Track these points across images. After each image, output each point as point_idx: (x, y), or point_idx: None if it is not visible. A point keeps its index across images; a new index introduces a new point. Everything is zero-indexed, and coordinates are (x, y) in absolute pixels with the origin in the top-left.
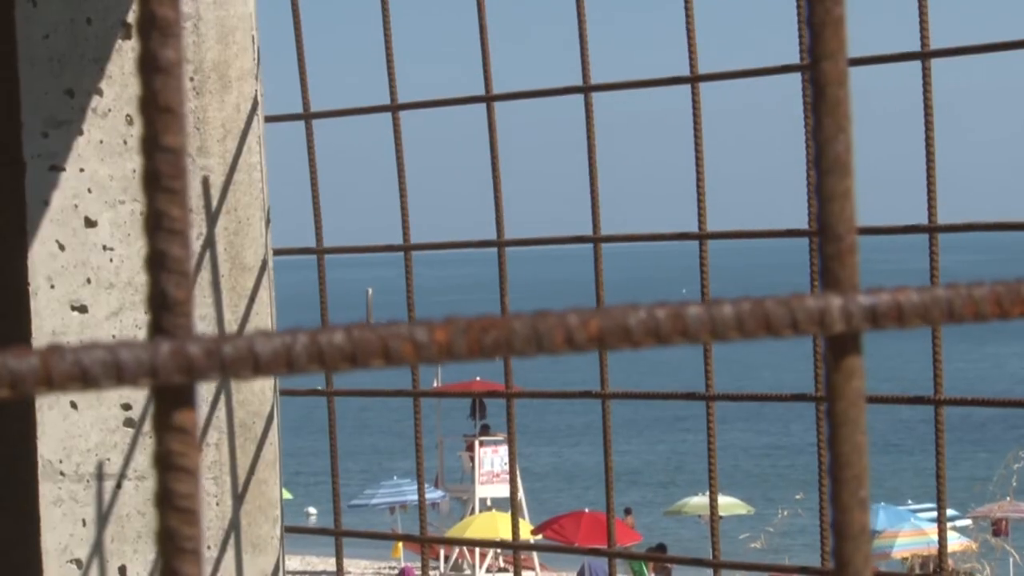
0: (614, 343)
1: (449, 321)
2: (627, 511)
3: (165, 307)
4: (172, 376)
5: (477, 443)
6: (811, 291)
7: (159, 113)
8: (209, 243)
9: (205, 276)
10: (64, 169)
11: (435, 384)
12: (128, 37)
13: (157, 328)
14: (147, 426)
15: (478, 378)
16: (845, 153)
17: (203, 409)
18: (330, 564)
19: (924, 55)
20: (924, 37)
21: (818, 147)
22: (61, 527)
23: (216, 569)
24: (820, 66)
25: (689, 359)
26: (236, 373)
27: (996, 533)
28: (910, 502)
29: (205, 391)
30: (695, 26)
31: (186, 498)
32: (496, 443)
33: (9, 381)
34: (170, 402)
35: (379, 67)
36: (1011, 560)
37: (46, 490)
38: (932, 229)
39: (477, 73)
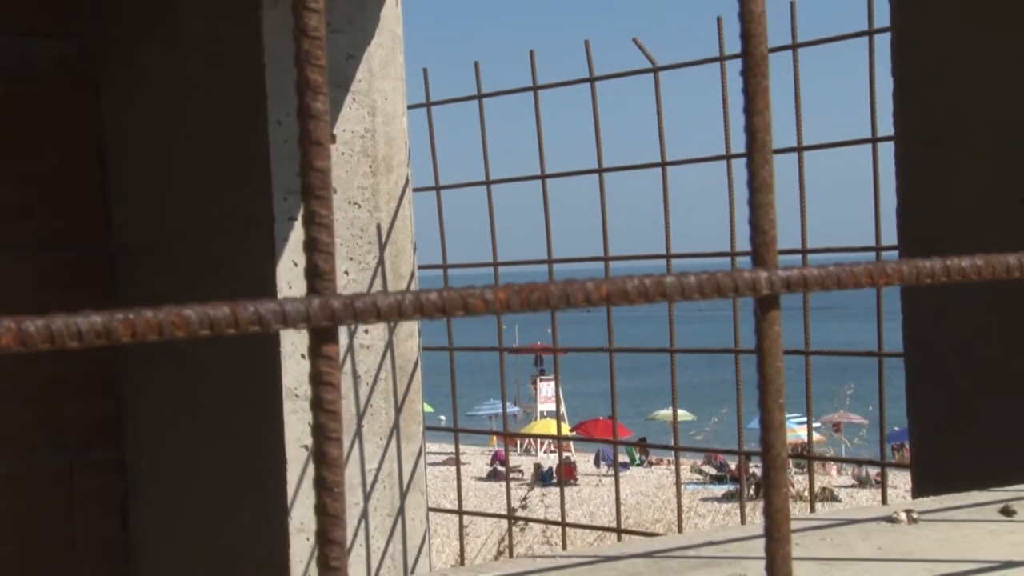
0: (617, 300)
1: (508, 286)
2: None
3: (317, 275)
4: (321, 321)
5: (538, 379)
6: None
7: (312, 145)
8: (380, 263)
9: (378, 283)
10: (297, 219)
11: (515, 344)
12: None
13: (311, 289)
14: (345, 367)
15: (539, 342)
16: (769, 177)
17: (377, 358)
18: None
19: (799, 149)
20: (799, 131)
21: (750, 173)
22: (295, 427)
23: (385, 452)
24: (752, 119)
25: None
26: (364, 319)
27: (836, 431)
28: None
29: (380, 345)
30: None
31: (331, 403)
32: (549, 380)
33: (209, 324)
34: (320, 339)
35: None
36: (843, 446)
37: (286, 406)
38: (805, 252)
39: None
